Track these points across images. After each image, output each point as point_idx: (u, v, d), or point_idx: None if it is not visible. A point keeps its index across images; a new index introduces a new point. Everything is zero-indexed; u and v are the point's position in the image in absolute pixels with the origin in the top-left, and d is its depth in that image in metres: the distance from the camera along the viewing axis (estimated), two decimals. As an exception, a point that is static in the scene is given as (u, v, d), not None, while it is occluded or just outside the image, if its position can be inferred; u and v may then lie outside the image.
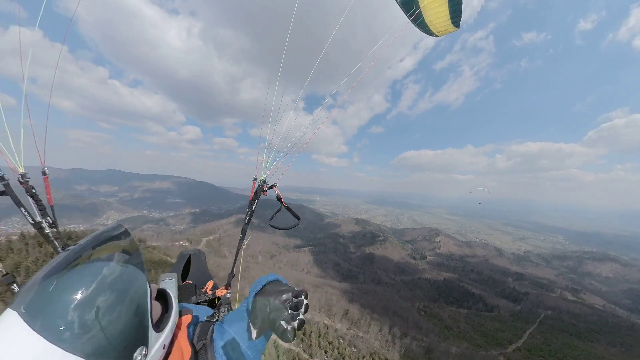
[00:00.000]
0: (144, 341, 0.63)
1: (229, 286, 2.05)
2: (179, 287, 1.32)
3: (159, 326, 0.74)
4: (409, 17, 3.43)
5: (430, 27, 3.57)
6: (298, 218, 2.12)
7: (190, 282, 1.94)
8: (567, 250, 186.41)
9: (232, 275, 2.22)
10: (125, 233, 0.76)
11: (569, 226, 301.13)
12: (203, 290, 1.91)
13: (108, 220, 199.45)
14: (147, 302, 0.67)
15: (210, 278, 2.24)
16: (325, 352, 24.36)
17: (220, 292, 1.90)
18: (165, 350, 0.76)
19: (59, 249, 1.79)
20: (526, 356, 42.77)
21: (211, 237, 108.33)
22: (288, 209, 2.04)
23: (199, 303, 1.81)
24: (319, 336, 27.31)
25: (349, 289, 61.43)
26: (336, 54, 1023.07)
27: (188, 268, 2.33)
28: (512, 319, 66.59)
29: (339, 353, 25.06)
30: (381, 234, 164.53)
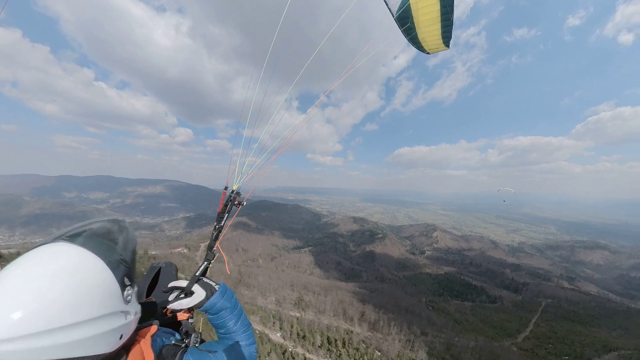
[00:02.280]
0: (131, 280, 0.79)
1: (192, 310, 1.64)
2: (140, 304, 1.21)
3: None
4: (404, 32, 3.57)
5: (422, 44, 3.73)
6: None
7: (153, 299, 1.63)
8: (559, 240, 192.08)
9: None
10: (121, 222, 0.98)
11: (560, 217, 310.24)
12: (164, 309, 1.59)
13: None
14: (135, 253, 0.88)
15: None
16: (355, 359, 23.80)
17: (181, 316, 1.59)
18: (134, 323, 0.81)
19: None
20: (537, 345, 43.94)
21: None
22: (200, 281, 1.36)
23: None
24: (344, 344, 26.62)
25: (357, 289, 61.40)
26: (330, 52, 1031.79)
27: (156, 282, 1.98)
28: (515, 309, 68.21)
29: (369, 359, 24.45)
30: (380, 232, 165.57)
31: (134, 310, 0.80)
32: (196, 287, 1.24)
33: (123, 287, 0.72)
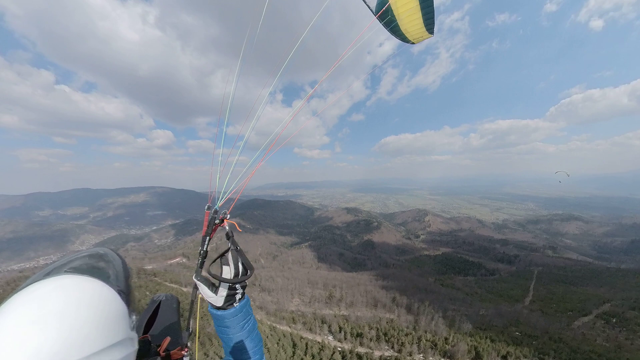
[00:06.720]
0: (132, 307, 0.70)
1: (187, 346, 1.57)
2: None
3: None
4: (385, 25, 3.52)
5: (406, 35, 3.67)
6: (250, 269, 1.47)
7: (148, 337, 1.50)
8: (538, 214, 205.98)
9: (188, 333, 1.76)
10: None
11: (538, 194, 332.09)
12: (158, 348, 1.46)
13: (83, 245, 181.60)
14: (130, 278, 0.77)
15: (178, 331, 1.78)
16: (418, 345, 24.26)
17: (175, 355, 1.45)
18: (134, 356, 0.67)
19: None
20: (543, 305, 48.99)
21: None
22: (240, 253, 1.43)
23: None
24: (397, 333, 27.01)
25: (372, 277, 63.08)
26: (312, 40, 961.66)
27: (155, 317, 1.81)
28: (513, 278, 73.80)
29: (427, 340, 25.15)
30: (374, 220, 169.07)
31: (136, 339, 0.72)
32: (222, 290, 1.18)
33: (130, 312, 0.68)
